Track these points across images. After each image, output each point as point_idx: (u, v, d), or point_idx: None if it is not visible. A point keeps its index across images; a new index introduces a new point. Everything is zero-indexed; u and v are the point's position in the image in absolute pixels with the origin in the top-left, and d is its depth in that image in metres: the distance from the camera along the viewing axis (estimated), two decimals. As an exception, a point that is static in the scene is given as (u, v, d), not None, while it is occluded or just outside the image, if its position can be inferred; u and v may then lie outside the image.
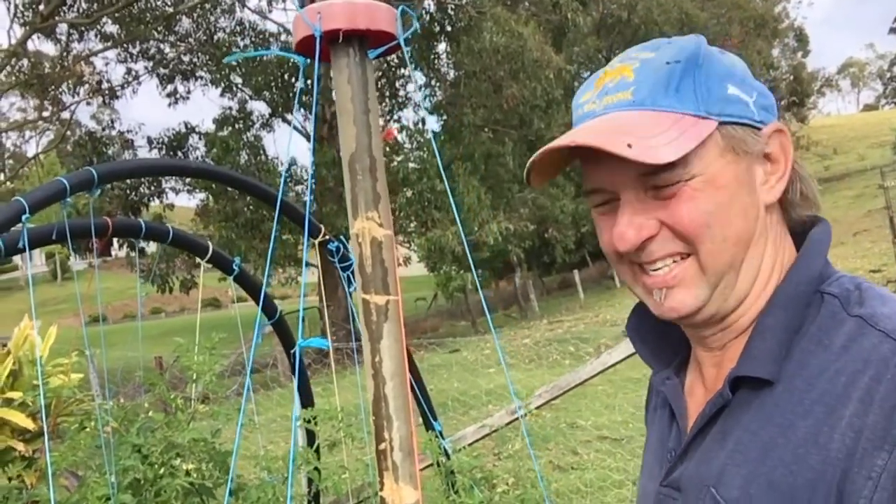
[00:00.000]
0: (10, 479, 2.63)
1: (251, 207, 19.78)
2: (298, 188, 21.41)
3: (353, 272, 3.28)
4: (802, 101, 47.28)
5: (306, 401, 3.41)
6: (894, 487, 0.76)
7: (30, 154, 28.48)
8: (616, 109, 0.94)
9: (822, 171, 46.69)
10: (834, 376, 0.84)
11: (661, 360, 1.12)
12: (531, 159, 0.97)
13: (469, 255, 2.22)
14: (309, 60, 1.22)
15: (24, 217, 2.13)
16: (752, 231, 0.95)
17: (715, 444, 0.93)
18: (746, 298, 0.96)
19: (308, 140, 22.36)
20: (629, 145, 0.87)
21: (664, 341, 1.12)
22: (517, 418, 4.05)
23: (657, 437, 1.11)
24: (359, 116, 1.21)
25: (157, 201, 22.05)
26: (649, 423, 1.20)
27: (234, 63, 21.14)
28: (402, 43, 1.23)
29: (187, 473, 2.52)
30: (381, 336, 1.22)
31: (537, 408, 4.40)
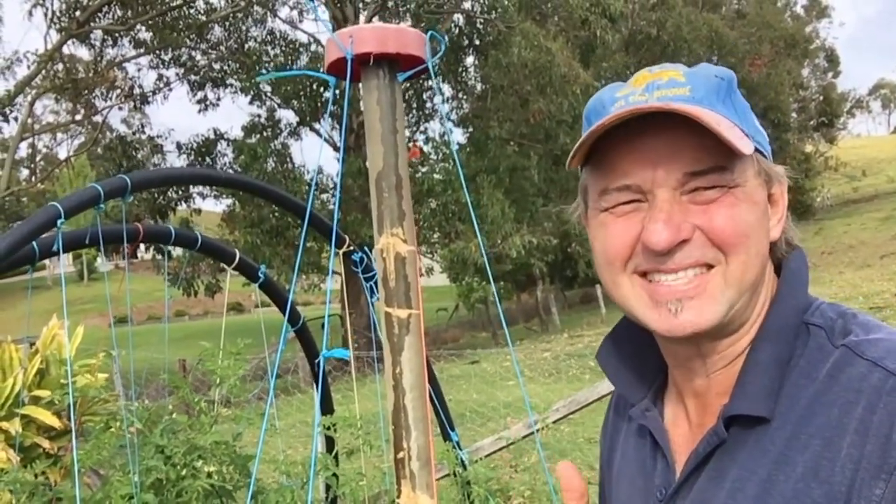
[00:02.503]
0: (35, 475, 2.70)
1: (276, 214, 19.93)
2: (324, 196, 21.57)
3: (376, 282, 3.33)
4: (832, 121, 46.84)
5: (326, 408, 3.45)
6: None
7: (61, 156, 28.89)
8: (674, 102, 0.89)
9: (850, 193, 46.25)
10: (827, 408, 0.84)
11: (639, 389, 1.07)
12: (592, 130, 0.90)
13: (488, 267, 2.25)
14: (339, 80, 1.27)
15: (59, 222, 2.20)
16: (767, 257, 0.95)
17: (711, 484, 0.92)
18: (744, 325, 0.95)
19: (335, 150, 22.52)
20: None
21: (640, 370, 1.08)
22: (533, 432, 4.07)
23: (638, 470, 1.06)
24: (386, 136, 1.25)
25: (184, 206, 22.28)
26: (618, 450, 1.15)
27: (264, 71, 21.36)
28: (431, 67, 1.28)
29: (209, 475, 2.57)
30: (402, 348, 1.26)
31: (554, 422, 4.41)
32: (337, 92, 20.92)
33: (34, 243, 2.24)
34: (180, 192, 22.00)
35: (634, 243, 0.93)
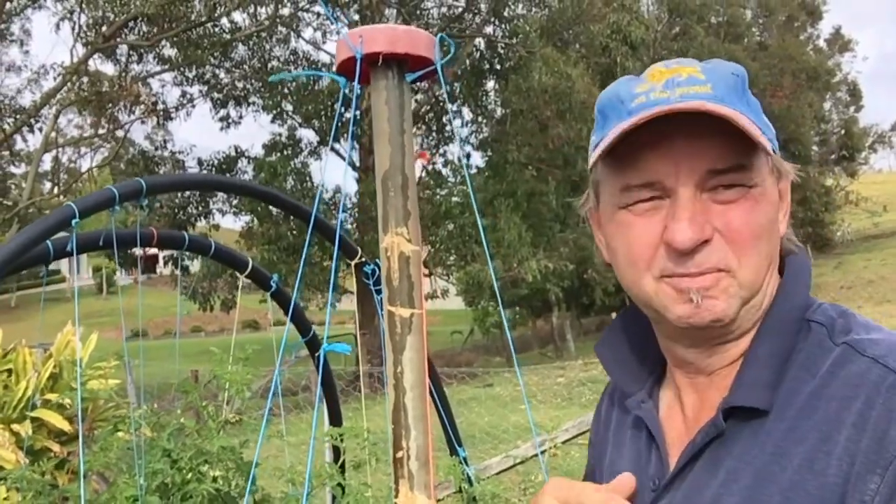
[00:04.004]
0: (42, 473, 2.71)
1: (294, 232, 20.04)
2: (342, 216, 21.67)
3: (386, 295, 3.34)
4: (853, 155, 46.54)
5: (335, 420, 3.45)
6: None
7: (83, 170, 29.24)
8: (697, 99, 0.90)
9: (870, 228, 45.86)
10: (826, 403, 0.85)
11: (635, 381, 1.09)
12: (623, 128, 0.90)
13: (497, 293, 2.25)
14: (349, 81, 1.29)
15: (73, 222, 2.23)
16: (776, 256, 0.97)
17: (705, 474, 0.93)
18: (749, 324, 0.96)
19: (353, 168, 22.64)
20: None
21: (638, 363, 1.10)
22: (542, 452, 4.05)
23: (631, 461, 1.07)
24: (394, 136, 1.27)
25: (203, 221, 22.43)
26: (610, 440, 1.16)
27: (286, 91, 21.56)
28: (440, 68, 1.29)
29: (214, 480, 2.58)
30: (404, 347, 1.27)
31: (563, 442, 4.39)
32: (348, 107, 20.98)
33: (48, 242, 2.27)
34: (199, 208, 22.18)
35: (657, 244, 0.93)
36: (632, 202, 0.95)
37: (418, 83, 1.33)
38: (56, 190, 29.45)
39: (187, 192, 21.85)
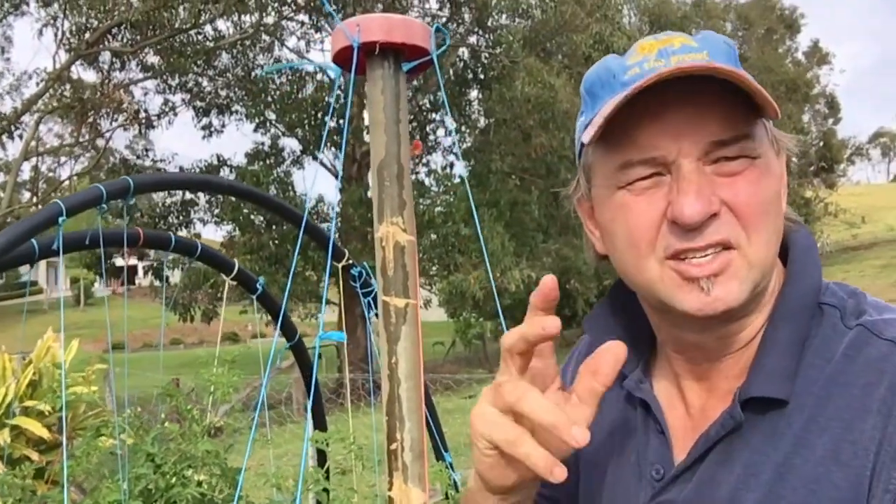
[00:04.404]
0: (23, 478, 2.67)
1: (276, 241, 19.97)
2: (324, 226, 21.61)
3: (374, 298, 3.32)
4: (832, 167, 47.06)
5: (319, 425, 3.43)
6: None
7: (62, 179, 29.00)
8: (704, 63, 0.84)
9: (849, 239, 46.31)
10: (846, 389, 0.82)
11: (630, 360, 0.95)
12: (619, 100, 0.84)
13: (496, 296, 2.25)
14: (344, 71, 1.28)
15: (60, 219, 2.20)
16: (781, 233, 0.92)
17: (719, 468, 0.87)
18: (759, 306, 0.91)
19: (335, 177, 22.61)
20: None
21: (631, 341, 0.97)
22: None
23: (625, 439, 1.02)
24: (390, 126, 1.26)
25: (184, 231, 22.32)
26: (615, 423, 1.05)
27: (269, 100, 21.53)
28: (435, 59, 1.29)
29: (199, 484, 2.55)
30: (398, 338, 1.25)
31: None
32: (341, 122, 21.04)
33: (33, 241, 2.24)
34: (180, 217, 22.08)
35: (660, 223, 0.87)
36: (631, 181, 0.88)
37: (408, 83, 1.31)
38: (35, 199, 29.19)
39: (168, 202, 21.74)
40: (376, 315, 3.27)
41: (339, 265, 3.08)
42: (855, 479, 0.77)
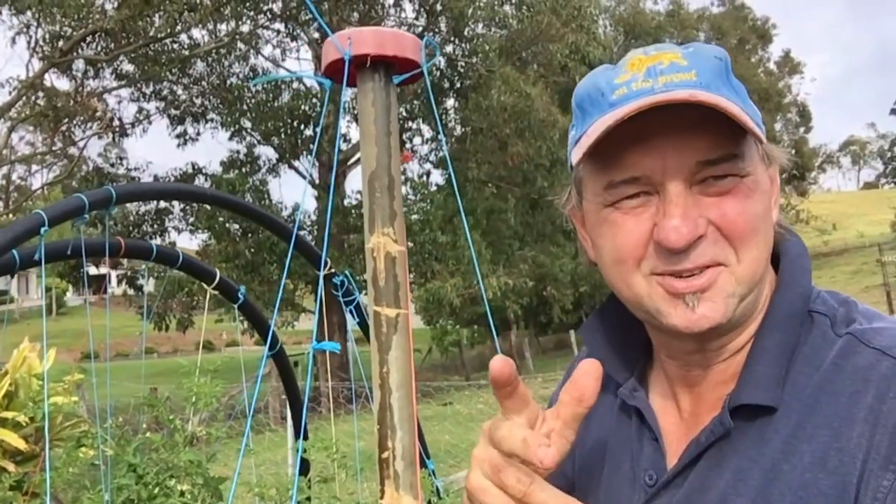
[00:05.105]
0: (3, 490, 2.65)
1: (252, 250, 19.87)
2: (301, 233, 21.53)
3: (355, 307, 3.33)
4: (803, 175, 47.74)
5: (300, 434, 3.42)
6: None
7: (35, 188, 28.65)
8: (682, 88, 0.84)
9: (820, 246, 46.90)
10: (834, 397, 0.82)
11: (623, 368, 1.03)
12: (603, 126, 0.84)
13: (484, 299, 2.25)
14: (335, 83, 1.29)
15: (42, 230, 2.19)
16: (771, 246, 0.92)
17: (710, 473, 0.88)
18: (749, 317, 0.92)
19: (312, 186, 22.53)
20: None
21: (625, 349, 1.04)
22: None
23: (620, 449, 1.02)
24: (380, 138, 1.27)
25: (158, 239, 22.15)
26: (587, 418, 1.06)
27: (245, 108, 21.44)
28: (426, 71, 1.30)
29: (181, 494, 2.54)
30: (390, 347, 1.26)
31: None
32: (315, 131, 20.99)
33: (14, 252, 2.23)
34: (155, 226, 21.91)
35: (647, 242, 0.87)
36: (617, 199, 0.89)
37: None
38: (4, 208, 28.81)
39: (142, 210, 21.57)
40: (358, 324, 3.26)
41: (321, 274, 3.08)
42: (841, 487, 0.78)
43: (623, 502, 0.98)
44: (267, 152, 23.17)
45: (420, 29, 21.28)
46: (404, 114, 21.88)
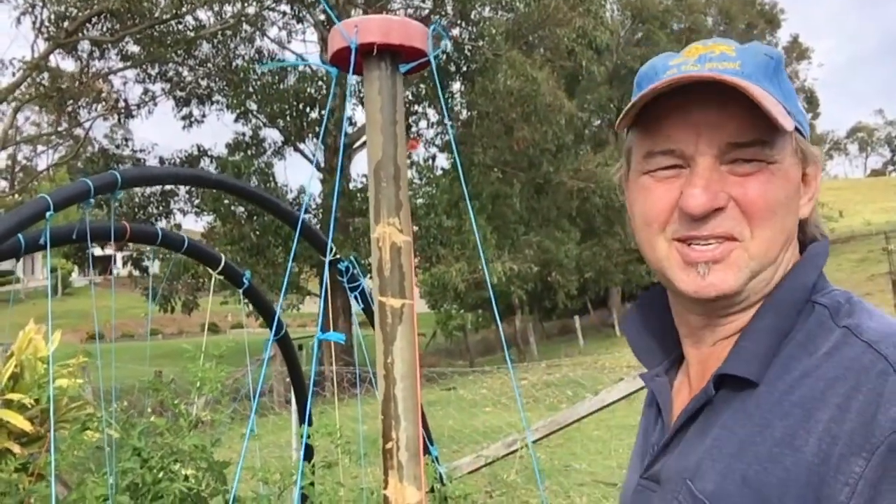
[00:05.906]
0: (9, 473, 2.65)
1: (257, 232, 19.88)
2: (306, 216, 21.52)
3: (360, 293, 3.33)
4: (810, 161, 47.47)
5: (304, 419, 3.43)
6: (871, 494, 0.78)
7: (41, 168, 28.68)
8: (725, 74, 0.92)
9: (826, 233, 46.74)
10: (814, 381, 0.87)
11: (655, 358, 1.13)
12: (643, 94, 0.94)
13: (489, 284, 2.25)
14: (341, 71, 1.28)
15: (48, 214, 2.19)
16: (793, 234, 0.99)
17: (695, 439, 0.96)
18: (757, 298, 0.98)
19: (318, 169, 22.50)
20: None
21: (660, 340, 1.13)
22: (514, 451, 4.06)
23: (642, 432, 1.14)
24: (386, 127, 1.26)
25: (164, 221, 22.16)
26: (641, 422, 1.21)
27: (251, 90, 21.38)
28: (432, 60, 1.29)
29: (186, 479, 2.54)
30: (394, 338, 1.26)
31: (534, 442, 4.40)
32: (320, 115, 20.94)
33: (20, 236, 2.23)
34: (160, 208, 21.91)
35: (673, 208, 0.96)
36: (654, 168, 0.98)
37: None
38: (10, 188, 28.85)
39: (147, 192, 21.57)
40: (363, 309, 3.25)
41: (326, 259, 3.08)
42: (805, 466, 0.82)
43: (635, 472, 1.09)
44: (272, 135, 23.15)
45: (426, 12, 21.19)
46: (410, 97, 21.80)
